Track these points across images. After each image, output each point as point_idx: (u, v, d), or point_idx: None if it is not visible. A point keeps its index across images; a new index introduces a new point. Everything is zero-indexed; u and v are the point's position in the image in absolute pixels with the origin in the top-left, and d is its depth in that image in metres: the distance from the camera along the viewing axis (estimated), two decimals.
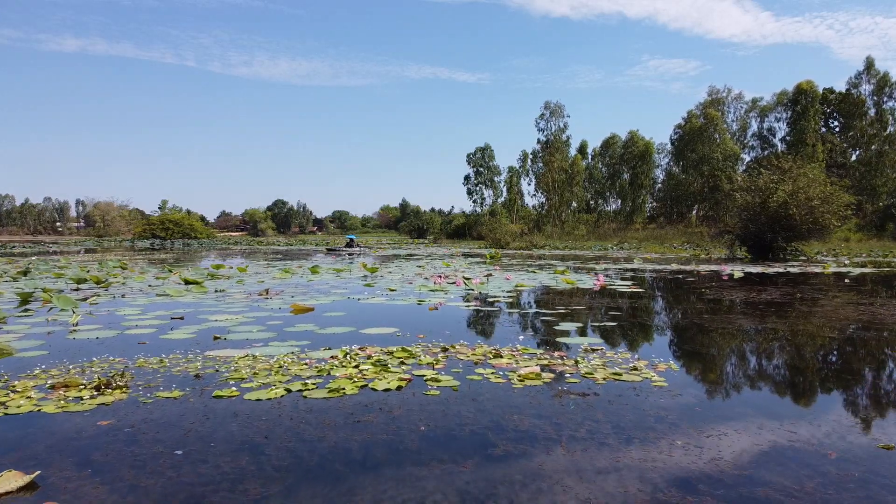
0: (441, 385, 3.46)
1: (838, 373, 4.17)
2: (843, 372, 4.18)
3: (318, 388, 3.40)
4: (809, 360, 4.59)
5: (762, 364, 4.47)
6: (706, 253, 22.99)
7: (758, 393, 3.58)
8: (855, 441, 2.65)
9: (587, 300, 8.00)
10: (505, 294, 8.69)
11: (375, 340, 4.94)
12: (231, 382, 3.56)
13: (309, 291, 9.00)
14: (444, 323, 6.08)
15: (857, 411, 3.22)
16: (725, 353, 4.84)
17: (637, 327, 6.02)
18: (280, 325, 5.72)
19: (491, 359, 4.15)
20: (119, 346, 4.84)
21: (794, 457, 2.45)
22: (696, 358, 4.59)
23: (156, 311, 6.88)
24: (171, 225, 58.78)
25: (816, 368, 4.32)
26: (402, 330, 5.45)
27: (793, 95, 48.28)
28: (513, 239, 38.62)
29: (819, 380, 3.96)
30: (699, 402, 3.21)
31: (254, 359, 4.20)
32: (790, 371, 4.22)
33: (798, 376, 4.06)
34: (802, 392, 3.66)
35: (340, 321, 6.05)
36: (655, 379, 3.65)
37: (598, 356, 4.29)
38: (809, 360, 4.62)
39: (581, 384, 3.52)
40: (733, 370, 4.23)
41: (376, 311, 6.91)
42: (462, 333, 5.34)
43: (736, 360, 4.60)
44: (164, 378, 3.71)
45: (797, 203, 18.76)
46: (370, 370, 3.79)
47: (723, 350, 4.93)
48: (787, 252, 19.93)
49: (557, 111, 56.51)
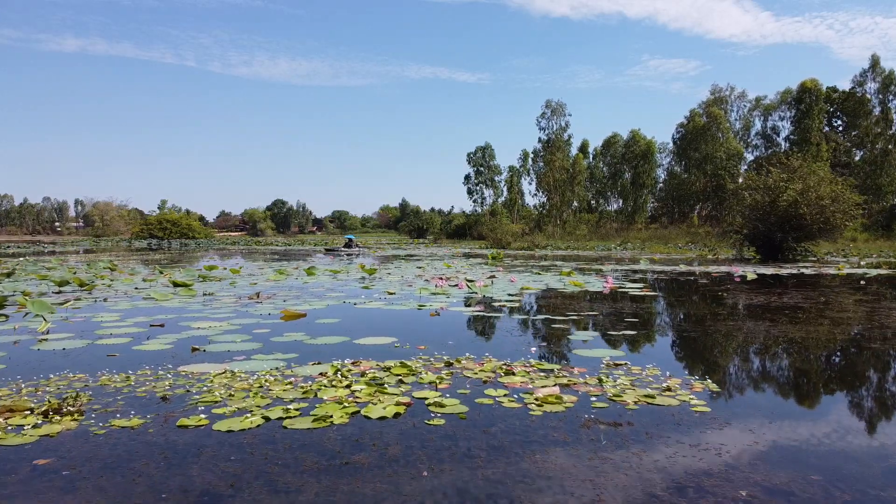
0: (446, 411, 2.96)
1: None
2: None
3: (301, 416, 2.89)
4: (876, 378, 4.08)
5: (815, 382, 3.96)
6: (713, 253, 22.48)
7: (828, 423, 3.07)
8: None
9: (599, 305, 7.49)
10: (510, 297, 8.18)
11: (371, 353, 4.44)
12: (201, 407, 3.05)
13: (303, 295, 8.49)
14: (446, 331, 5.58)
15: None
16: (765, 367, 4.33)
17: (659, 336, 5.52)
18: (267, 335, 5.21)
19: (502, 376, 3.64)
20: (86, 359, 4.34)
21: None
22: (733, 374, 4.07)
23: (136, 316, 6.38)
24: (168, 225, 58.19)
25: (885, 387, 3.81)
26: (400, 340, 4.94)
27: (797, 94, 47.67)
28: (514, 239, 38.10)
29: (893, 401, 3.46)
30: (757, 438, 2.69)
31: (232, 376, 3.69)
32: (853, 390, 3.71)
33: (871, 398, 3.55)
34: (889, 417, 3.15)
35: (333, 329, 5.54)
36: (694, 402, 3.15)
37: (623, 372, 3.79)
38: (875, 377, 4.12)
39: (610, 410, 3.02)
40: (783, 390, 3.72)
41: (373, 318, 6.40)
42: (467, 344, 4.83)
43: (781, 376, 4.09)
44: (126, 401, 3.21)
45: (807, 202, 18.23)
46: (363, 391, 3.28)
47: (761, 364, 4.42)
48: (796, 252, 19.41)
49: (559, 110, 55.88)
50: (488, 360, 4.12)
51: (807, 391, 3.70)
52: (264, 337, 5.09)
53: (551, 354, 4.44)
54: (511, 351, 4.56)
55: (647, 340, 5.24)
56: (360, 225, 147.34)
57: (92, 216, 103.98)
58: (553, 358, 4.27)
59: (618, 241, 38.36)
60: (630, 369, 3.88)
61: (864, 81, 45.37)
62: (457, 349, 4.54)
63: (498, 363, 4.00)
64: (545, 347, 4.74)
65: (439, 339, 4.99)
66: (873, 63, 44.64)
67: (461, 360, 4.10)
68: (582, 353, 4.43)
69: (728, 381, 3.80)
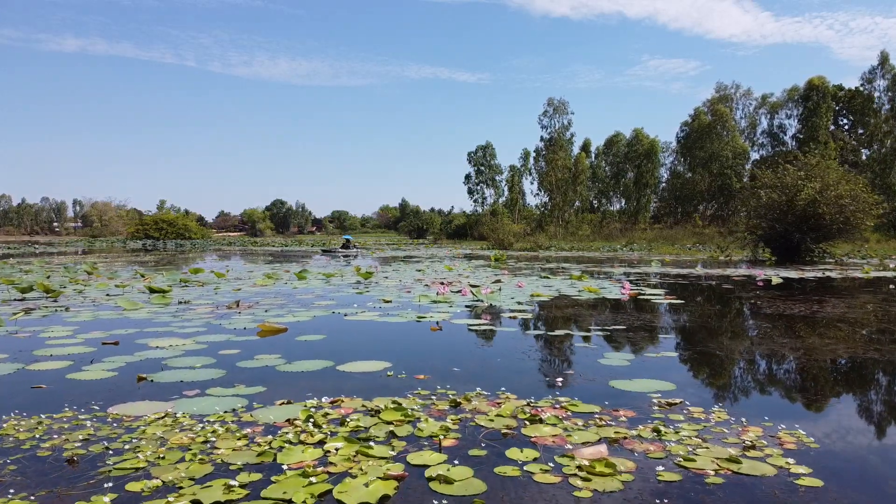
0: (455, 492, 2.08)
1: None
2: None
3: (247, 502, 2.01)
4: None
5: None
6: (725, 255, 21.58)
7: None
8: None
9: (623, 316, 6.62)
10: (520, 307, 7.31)
11: (357, 385, 3.57)
12: (111, 479, 2.18)
13: (288, 303, 7.61)
14: (451, 351, 4.71)
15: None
16: (865, 407, 3.45)
17: (708, 360, 4.64)
18: (234, 358, 4.33)
19: (526, 425, 2.77)
20: (2, 391, 3.47)
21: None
22: (827, 418, 3.19)
23: (91, 331, 5.51)
24: (164, 225, 57.20)
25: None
26: (395, 365, 4.07)
27: (804, 91, 46.76)
28: (516, 239, 37.22)
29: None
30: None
31: (172, 423, 2.82)
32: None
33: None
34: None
35: (316, 350, 4.66)
36: (794, 468, 2.28)
37: (684, 417, 2.92)
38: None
39: (686, 486, 2.14)
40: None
41: (364, 333, 5.53)
42: (477, 370, 3.96)
43: (892, 418, 3.22)
44: (19, 465, 2.34)
45: (826, 201, 17.36)
46: (341, 453, 2.40)
47: (858, 403, 3.54)
48: (813, 254, 18.53)
49: (561, 108, 54.89)
50: (505, 397, 3.24)
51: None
52: (230, 361, 4.20)
53: (585, 388, 3.55)
54: (533, 382, 3.69)
55: (696, 366, 4.37)
56: (359, 225, 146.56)
57: (90, 216, 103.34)
58: (588, 394, 3.39)
59: (622, 241, 37.47)
60: (690, 412, 3.01)
61: (874, 79, 44.47)
62: (464, 380, 3.67)
63: (518, 402, 3.12)
64: (575, 377, 3.86)
65: (442, 365, 4.12)
66: (882, 60, 43.72)
67: (471, 397, 3.23)
68: (623, 386, 3.55)
69: (825, 429, 2.90)
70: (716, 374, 4.17)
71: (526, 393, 3.33)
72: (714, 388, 3.72)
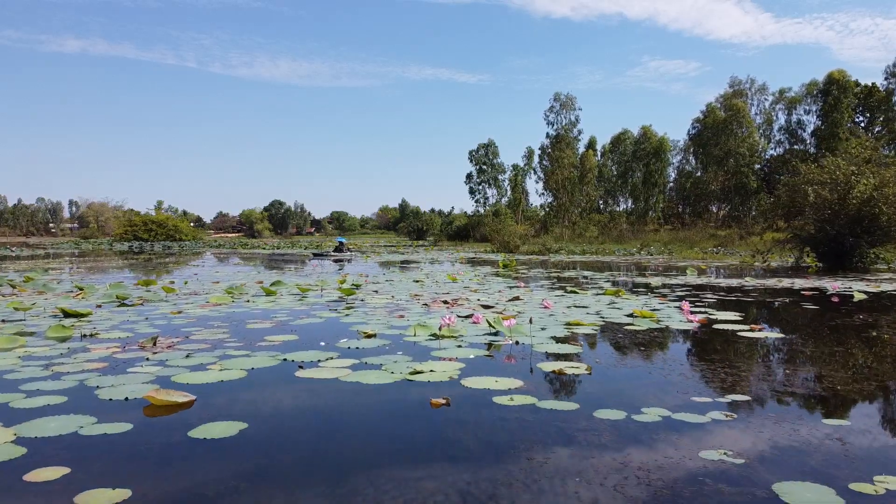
0: None
1: None
2: None
3: None
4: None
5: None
6: (762, 259, 19.34)
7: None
8: None
9: (729, 367, 4.39)
10: (559, 347, 5.10)
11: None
12: None
13: (229, 338, 5.39)
14: (470, 479, 2.45)
15: None
16: None
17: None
18: (54, 491, 2.11)
19: None
20: None
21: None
22: None
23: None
24: (154, 226, 54.92)
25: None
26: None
27: (823, 86, 44.55)
28: (522, 242, 35.02)
29: None
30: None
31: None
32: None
33: None
34: None
35: (215, 467, 2.43)
36: None
37: None
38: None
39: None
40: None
41: (314, 418, 3.28)
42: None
43: None
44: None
45: (885, 200, 15.14)
46: None
47: None
48: (866, 260, 16.29)
49: (568, 103, 52.54)
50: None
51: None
52: (48, 492, 1.98)
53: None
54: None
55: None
56: (358, 226, 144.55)
57: (87, 217, 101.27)
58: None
59: (635, 243, 35.21)
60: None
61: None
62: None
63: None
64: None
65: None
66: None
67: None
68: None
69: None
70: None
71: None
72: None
